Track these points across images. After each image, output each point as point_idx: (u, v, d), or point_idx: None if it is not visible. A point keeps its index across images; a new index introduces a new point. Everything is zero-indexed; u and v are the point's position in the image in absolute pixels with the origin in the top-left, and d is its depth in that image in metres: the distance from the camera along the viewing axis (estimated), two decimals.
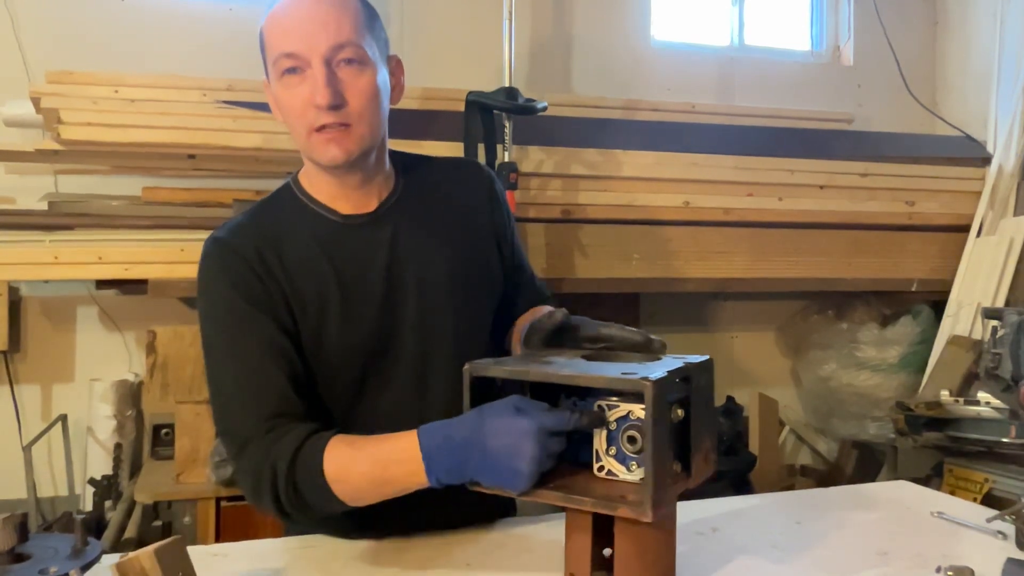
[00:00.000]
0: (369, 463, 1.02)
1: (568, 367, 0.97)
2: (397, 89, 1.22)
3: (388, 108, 1.18)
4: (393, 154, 1.26)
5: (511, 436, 0.92)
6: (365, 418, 1.17)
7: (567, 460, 0.98)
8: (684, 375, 0.96)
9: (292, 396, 1.10)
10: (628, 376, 0.90)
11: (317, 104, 1.08)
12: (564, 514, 1.00)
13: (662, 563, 0.98)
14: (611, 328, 1.09)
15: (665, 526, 0.98)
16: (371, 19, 1.15)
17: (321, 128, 1.10)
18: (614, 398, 0.96)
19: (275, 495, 1.06)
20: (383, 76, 1.15)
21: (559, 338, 1.11)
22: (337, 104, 1.09)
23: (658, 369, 0.93)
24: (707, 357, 1.02)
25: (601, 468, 0.96)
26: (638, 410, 0.93)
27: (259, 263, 1.13)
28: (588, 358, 1.03)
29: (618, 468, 0.95)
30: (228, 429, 1.11)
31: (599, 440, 0.96)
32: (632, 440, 0.94)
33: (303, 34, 1.09)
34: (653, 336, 1.07)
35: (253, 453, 1.07)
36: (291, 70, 1.10)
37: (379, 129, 1.16)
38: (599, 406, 0.96)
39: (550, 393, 1.01)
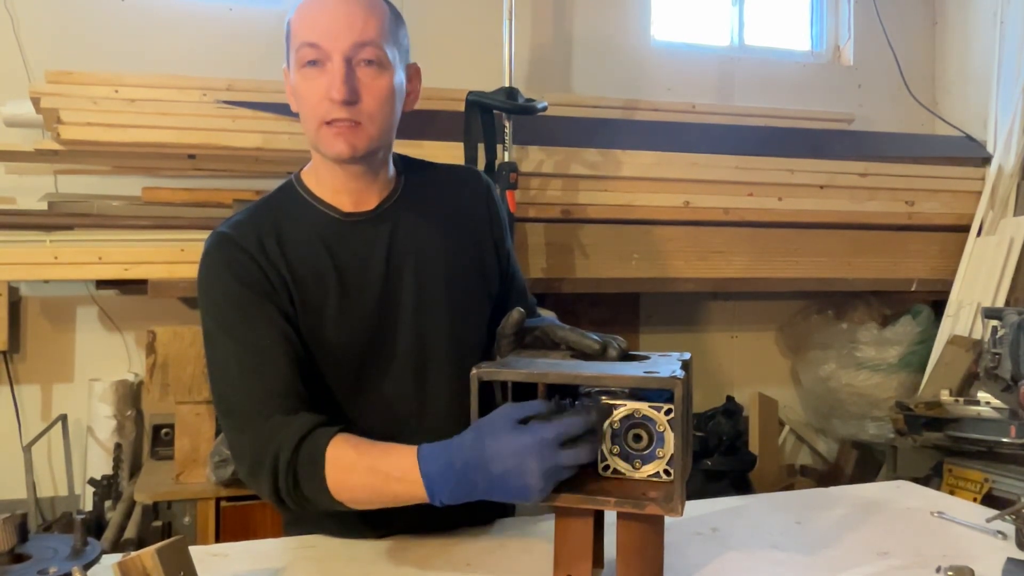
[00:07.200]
0: (370, 474, 1.02)
1: (586, 367, 0.97)
2: (412, 96, 1.24)
3: (400, 113, 1.20)
4: (396, 157, 1.28)
5: (514, 457, 0.91)
6: (366, 409, 1.18)
7: None
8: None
9: (296, 380, 1.11)
10: (653, 375, 0.91)
11: (332, 98, 1.10)
12: None
13: (658, 558, 0.99)
14: (569, 332, 1.07)
15: (660, 521, 0.98)
16: (396, 24, 1.18)
17: (332, 122, 1.12)
18: (606, 396, 0.96)
19: (273, 482, 1.06)
20: (400, 81, 1.18)
21: (522, 341, 1.10)
22: (351, 101, 1.11)
23: (671, 366, 0.94)
24: (689, 355, 1.03)
25: (607, 468, 0.97)
26: (645, 408, 0.94)
27: (260, 252, 1.15)
28: (578, 358, 1.03)
29: (624, 467, 0.96)
30: (229, 408, 1.11)
31: (604, 440, 0.96)
32: (638, 438, 0.95)
33: (329, 28, 1.11)
34: (615, 338, 1.04)
35: (256, 434, 1.07)
36: (312, 62, 1.13)
37: (389, 132, 1.19)
38: (605, 404, 0.96)
39: (533, 395, 1.01)
